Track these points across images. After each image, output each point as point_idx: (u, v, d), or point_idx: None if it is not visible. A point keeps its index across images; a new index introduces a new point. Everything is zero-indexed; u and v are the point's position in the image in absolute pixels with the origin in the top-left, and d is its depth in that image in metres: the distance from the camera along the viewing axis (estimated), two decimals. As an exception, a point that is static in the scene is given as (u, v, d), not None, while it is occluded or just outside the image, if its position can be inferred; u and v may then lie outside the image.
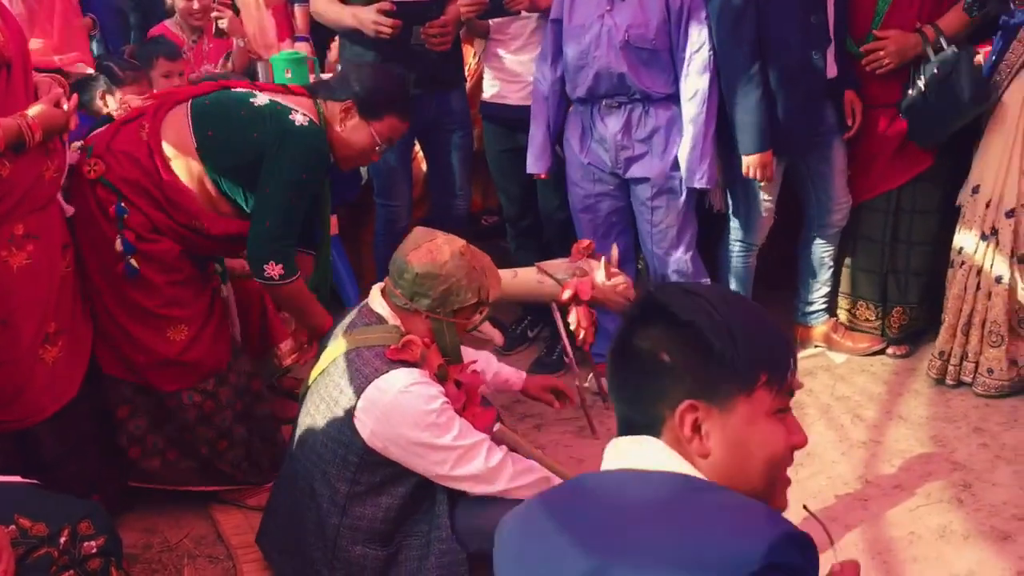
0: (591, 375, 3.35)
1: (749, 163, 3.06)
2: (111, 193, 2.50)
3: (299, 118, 2.51)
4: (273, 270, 2.53)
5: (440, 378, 2.22)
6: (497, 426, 2.35)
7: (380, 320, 2.26)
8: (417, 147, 3.79)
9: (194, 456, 2.72)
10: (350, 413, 2.16)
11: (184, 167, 2.53)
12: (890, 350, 3.58)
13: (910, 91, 3.17)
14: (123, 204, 2.49)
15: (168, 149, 2.53)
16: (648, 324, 1.14)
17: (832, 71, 3.14)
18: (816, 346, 3.61)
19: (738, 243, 3.39)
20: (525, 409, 3.33)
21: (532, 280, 3.00)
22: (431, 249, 2.22)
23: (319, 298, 2.76)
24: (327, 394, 2.25)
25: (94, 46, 4.26)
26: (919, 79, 3.13)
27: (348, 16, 3.28)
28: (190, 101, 2.59)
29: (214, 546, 2.67)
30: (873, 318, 3.57)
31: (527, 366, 3.60)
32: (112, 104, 3.28)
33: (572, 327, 2.94)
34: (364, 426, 2.14)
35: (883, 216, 3.41)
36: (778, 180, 3.23)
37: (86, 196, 2.52)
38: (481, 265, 2.27)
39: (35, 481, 2.02)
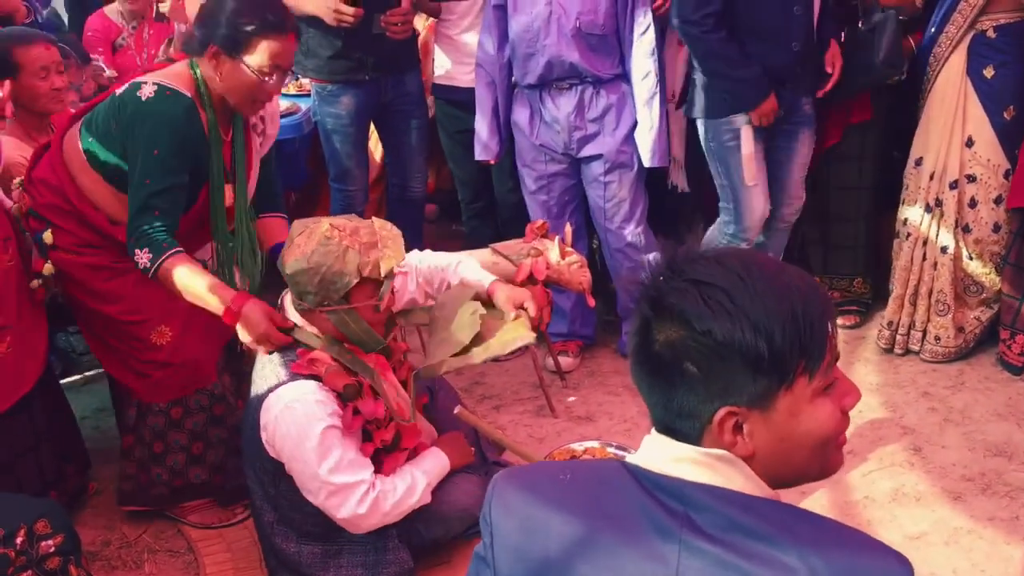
0: (548, 355, 3.37)
1: (761, 114, 3.03)
2: (39, 222, 2.45)
3: (147, 90, 2.28)
4: (142, 257, 2.26)
5: (344, 398, 2.11)
6: (457, 408, 2.35)
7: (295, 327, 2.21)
8: (372, 128, 3.76)
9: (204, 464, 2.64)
10: (256, 422, 2.12)
11: (89, 182, 2.41)
12: (840, 320, 3.64)
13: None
14: (48, 231, 2.43)
15: (72, 167, 2.42)
16: (664, 327, 1.02)
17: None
18: None
19: (727, 236, 3.31)
20: (484, 391, 3.34)
21: (487, 262, 2.98)
22: (298, 244, 2.08)
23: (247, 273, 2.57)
24: (253, 393, 2.21)
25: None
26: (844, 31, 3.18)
27: (309, 3, 3.24)
28: (83, 117, 2.46)
29: (174, 539, 2.64)
30: None
31: (484, 348, 3.60)
32: None
33: (528, 307, 2.94)
34: (264, 439, 2.12)
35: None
36: (762, 164, 3.19)
37: (25, 227, 2.50)
38: (360, 241, 2.09)
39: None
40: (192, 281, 2.25)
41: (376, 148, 3.92)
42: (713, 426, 1.02)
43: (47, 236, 2.43)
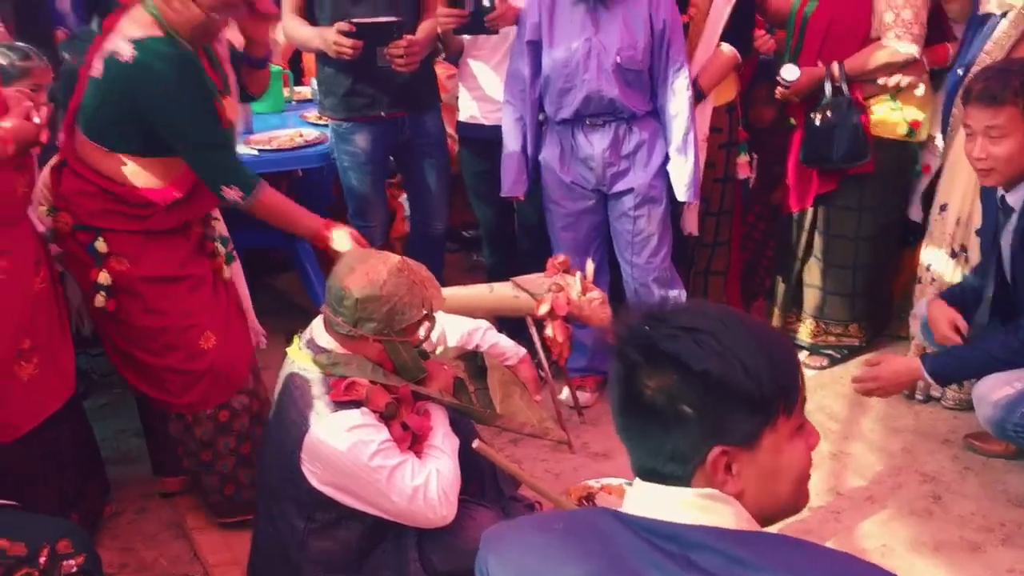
0: (566, 389, 3.37)
1: None
2: (88, 233, 2.49)
3: (124, 51, 2.35)
4: (230, 193, 2.47)
5: (387, 417, 2.15)
6: (476, 442, 2.35)
7: (327, 353, 2.20)
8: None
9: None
10: (296, 456, 2.11)
11: (114, 165, 2.47)
12: (808, 360, 3.66)
13: (812, 114, 3.30)
14: (99, 239, 2.47)
15: (93, 162, 2.48)
16: (656, 372, 1.09)
17: None
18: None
19: None
20: (501, 423, 3.33)
21: (508, 295, 3.01)
22: (367, 271, 2.13)
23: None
24: (280, 423, 2.19)
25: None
26: (817, 114, 3.27)
27: (316, 38, 3.26)
28: (75, 118, 2.52)
29: (189, 564, 2.65)
30: (777, 324, 3.71)
31: (503, 381, 3.61)
32: None
33: (547, 342, 2.96)
34: (311, 473, 2.12)
35: (800, 232, 3.55)
36: None
37: (74, 252, 2.53)
38: (420, 278, 2.20)
39: (12, 502, 1.99)
40: (286, 207, 2.58)
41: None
42: (707, 466, 1.08)
43: (100, 245, 2.47)
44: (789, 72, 3.27)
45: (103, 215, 2.48)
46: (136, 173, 2.49)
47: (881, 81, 3.25)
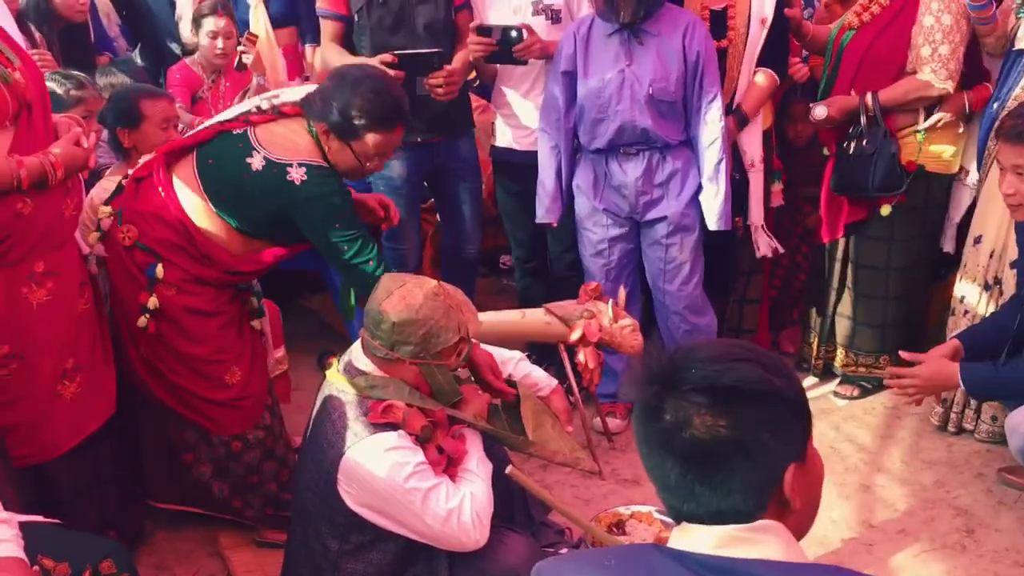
0: (596, 415, 3.38)
1: None
2: (148, 255, 2.55)
3: (296, 175, 2.47)
4: None
5: (422, 440, 2.17)
6: (509, 468, 2.37)
7: (364, 376, 2.24)
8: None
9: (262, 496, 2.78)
10: (332, 477, 2.14)
11: (209, 222, 2.56)
12: (840, 388, 3.66)
13: (845, 144, 3.31)
14: (159, 265, 2.54)
15: (188, 206, 2.55)
16: (726, 409, 1.07)
17: None
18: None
19: None
20: (533, 450, 3.34)
21: (540, 321, 3.03)
22: (404, 295, 2.17)
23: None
24: (317, 444, 2.22)
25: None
26: (851, 143, 3.27)
27: None
28: (195, 154, 2.58)
29: (224, 583, 2.69)
30: (813, 356, 3.71)
31: (533, 405, 3.62)
32: None
33: (579, 368, 2.97)
34: (347, 494, 2.14)
35: (832, 262, 3.55)
36: None
37: (124, 263, 2.58)
38: (456, 302, 2.23)
39: (57, 521, 2.03)
40: None
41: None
42: (785, 487, 1.09)
43: (158, 270, 2.54)
44: (818, 112, 3.30)
45: (170, 247, 2.55)
46: (219, 233, 2.57)
47: (925, 124, 3.25)
